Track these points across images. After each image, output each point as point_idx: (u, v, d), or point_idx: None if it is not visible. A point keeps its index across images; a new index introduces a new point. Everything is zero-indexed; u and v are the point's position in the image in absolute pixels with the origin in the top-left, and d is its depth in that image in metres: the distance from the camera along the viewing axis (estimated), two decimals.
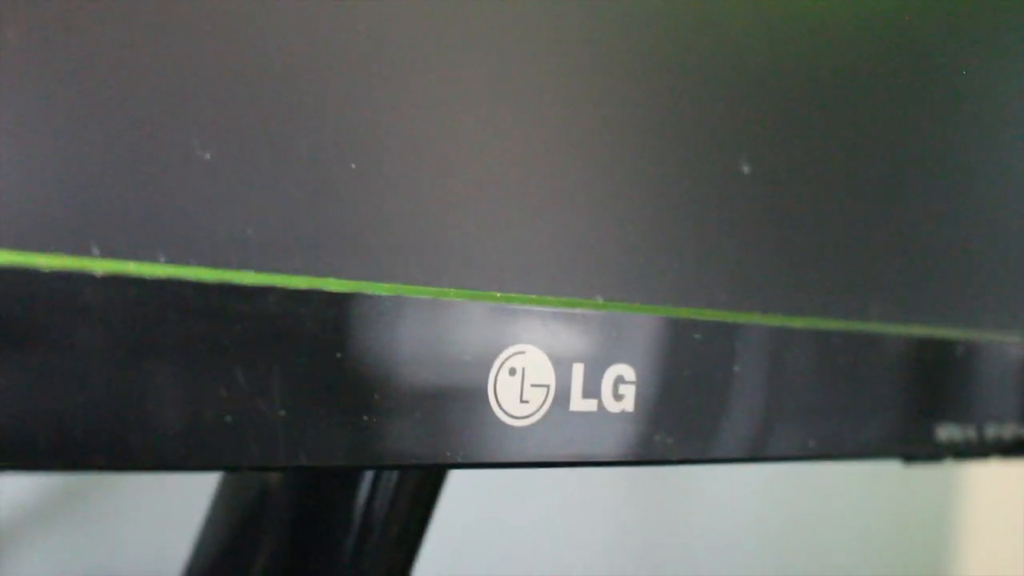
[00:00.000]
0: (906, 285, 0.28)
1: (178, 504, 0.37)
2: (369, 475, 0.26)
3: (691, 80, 0.24)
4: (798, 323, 0.25)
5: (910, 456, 0.29)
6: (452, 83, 0.21)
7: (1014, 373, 0.31)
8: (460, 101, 0.21)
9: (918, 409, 0.28)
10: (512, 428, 0.21)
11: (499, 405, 0.21)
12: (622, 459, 0.23)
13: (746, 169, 0.25)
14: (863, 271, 0.27)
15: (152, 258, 0.18)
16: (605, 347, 0.22)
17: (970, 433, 0.29)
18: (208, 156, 0.19)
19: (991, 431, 0.30)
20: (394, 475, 0.27)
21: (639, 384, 0.23)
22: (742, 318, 0.24)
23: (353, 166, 0.20)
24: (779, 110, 0.26)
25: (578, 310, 0.22)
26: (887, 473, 0.69)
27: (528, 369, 0.21)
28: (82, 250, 0.17)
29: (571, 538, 0.58)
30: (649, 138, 0.24)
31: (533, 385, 0.21)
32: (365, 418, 0.20)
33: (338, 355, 0.19)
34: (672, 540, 0.62)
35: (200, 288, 0.18)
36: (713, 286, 0.24)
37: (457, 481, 0.53)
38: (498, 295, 0.21)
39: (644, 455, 0.23)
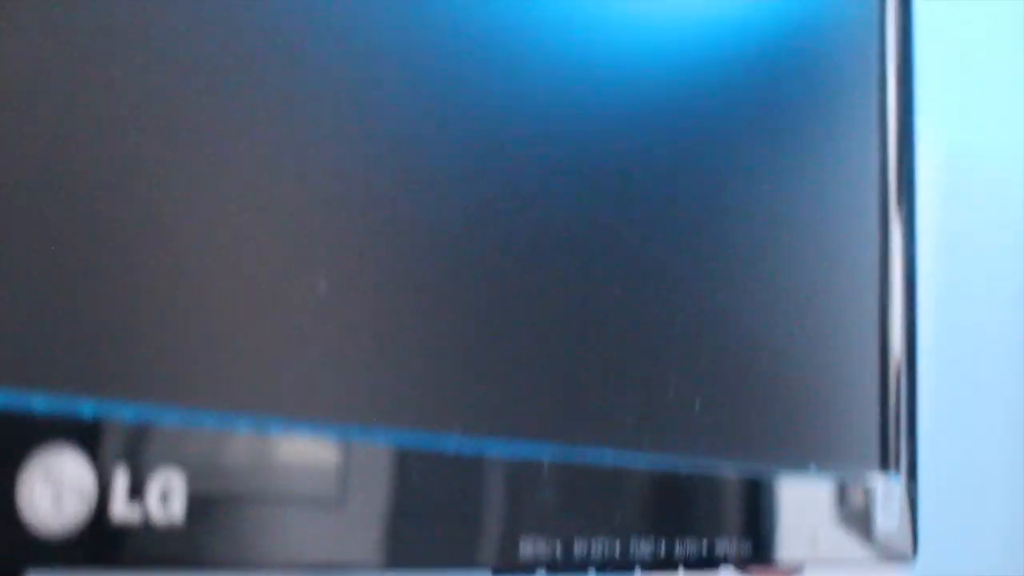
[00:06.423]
0: (482, 400, 0.30)
1: None
2: None
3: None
4: (373, 436, 0.26)
5: (497, 569, 0.30)
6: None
7: (597, 488, 0.33)
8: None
9: (503, 523, 0.30)
10: (42, 539, 0.20)
11: (29, 512, 0.20)
12: (171, 568, 0.22)
13: (323, 286, 0.26)
14: (436, 385, 0.29)
15: None
16: (154, 453, 0.22)
17: (557, 548, 0.31)
18: None
19: (579, 547, 0.32)
20: None
21: (190, 493, 0.23)
22: (299, 428, 0.25)
23: None
24: (353, 223, 0.27)
25: (123, 414, 0.22)
26: None
27: (65, 474, 0.21)
28: None
29: None
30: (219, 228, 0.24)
31: (69, 492, 0.21)
32: None
33: None
34: None
35: None
36: (277, 393, 0.25)
37: None
38: (33, 395, 0.21)
39: (195, 562, 0.23)
